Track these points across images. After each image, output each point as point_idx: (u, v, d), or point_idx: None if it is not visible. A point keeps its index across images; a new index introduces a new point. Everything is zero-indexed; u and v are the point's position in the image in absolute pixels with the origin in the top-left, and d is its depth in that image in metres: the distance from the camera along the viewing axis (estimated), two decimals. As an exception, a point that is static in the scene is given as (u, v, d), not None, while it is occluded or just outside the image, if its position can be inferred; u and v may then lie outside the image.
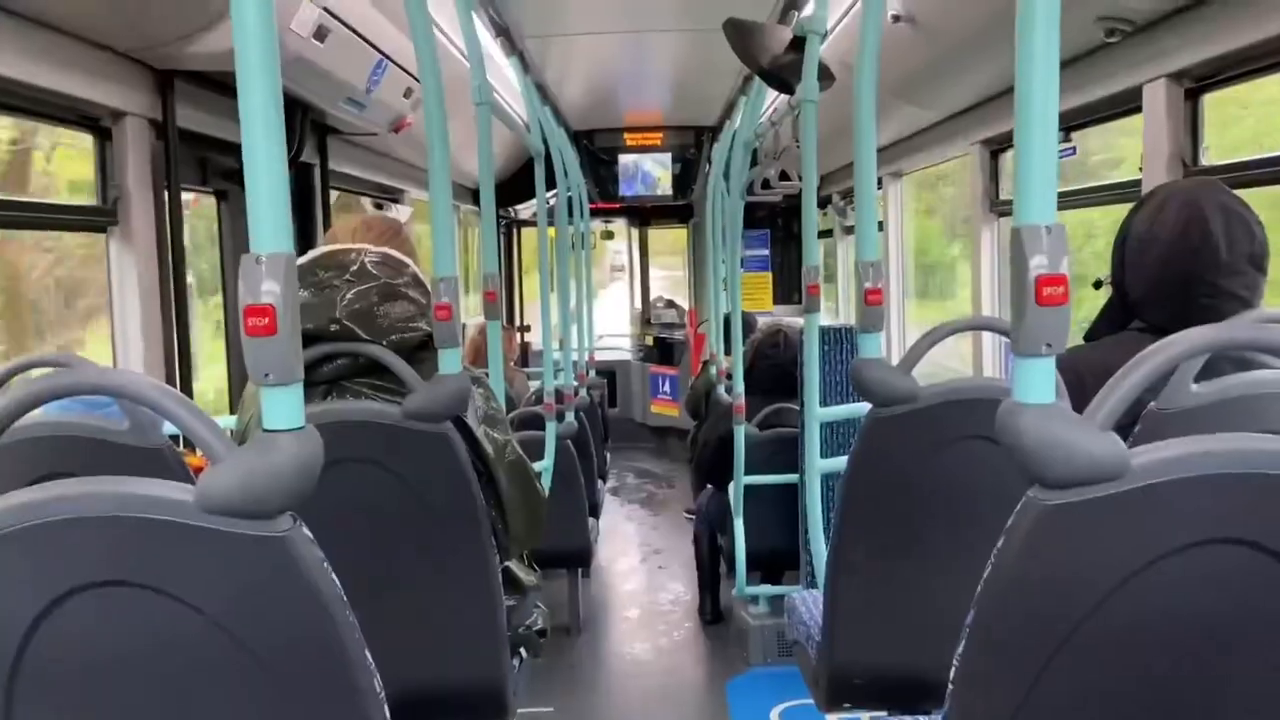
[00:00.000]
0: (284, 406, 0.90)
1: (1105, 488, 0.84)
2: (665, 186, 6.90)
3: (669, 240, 9.23)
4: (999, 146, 3.51)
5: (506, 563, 1.80)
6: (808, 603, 2.12)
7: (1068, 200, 3.10)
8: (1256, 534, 0.85)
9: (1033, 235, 0.85)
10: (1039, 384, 0.86)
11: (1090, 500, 0.84)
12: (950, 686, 0.97)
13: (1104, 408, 0.85)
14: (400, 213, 4.84)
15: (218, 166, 3.02)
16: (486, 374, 2.47)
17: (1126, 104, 2.57)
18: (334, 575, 0.93)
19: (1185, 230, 1.53)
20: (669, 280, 9.39)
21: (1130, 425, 1.42)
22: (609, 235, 8.65)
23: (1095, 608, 0.87)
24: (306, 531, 0.91)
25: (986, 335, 3.67)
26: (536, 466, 3.33)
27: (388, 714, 1.00)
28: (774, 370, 3.99)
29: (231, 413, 2.98)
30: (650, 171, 6.90)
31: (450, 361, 1.63)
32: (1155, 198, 1.61)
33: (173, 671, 0.91)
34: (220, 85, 2.77)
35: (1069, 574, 0.87)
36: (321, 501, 0.93)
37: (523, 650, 1.91)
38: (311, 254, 1.66)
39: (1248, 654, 0.88)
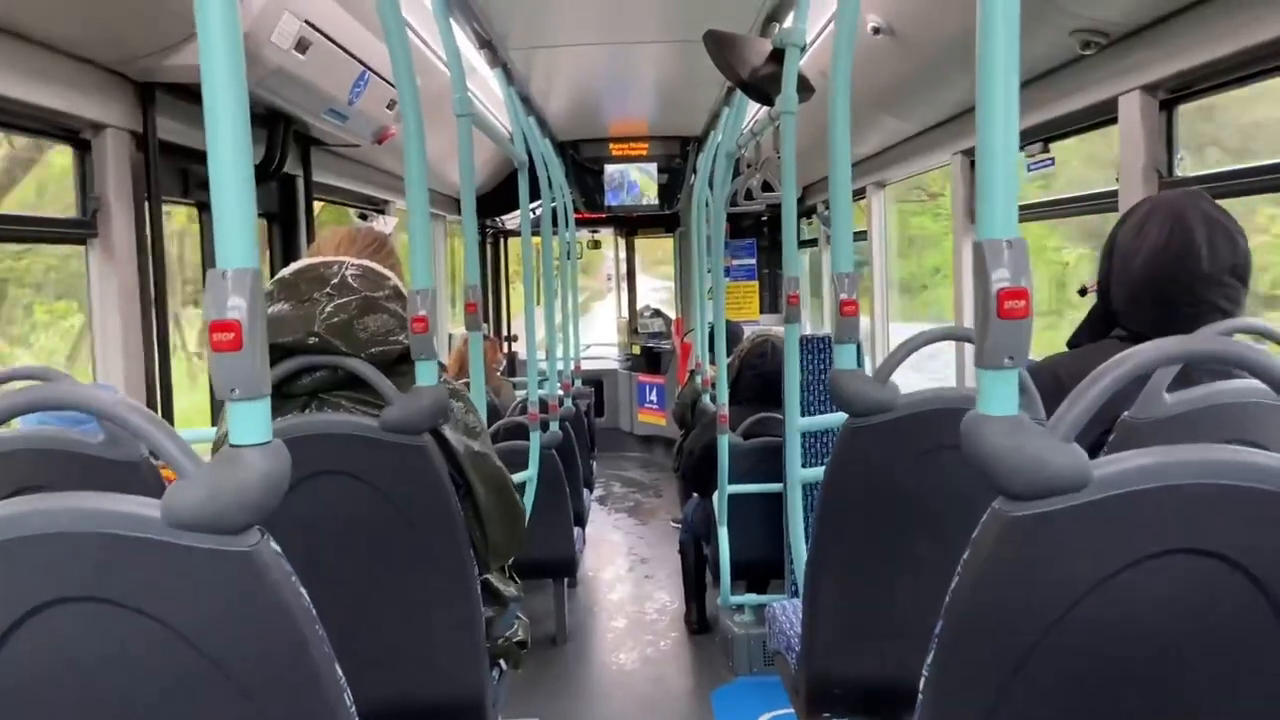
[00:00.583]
0: (250, 421, 0.90)
1: (1068, 499, 0.85)
2: (651, 196, 6.92)
3: (667, 248, 9.22)
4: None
5: (486, 575, 1.79)
6: (788, 612, 2.13)
7: (1045, 211, 3.12)
8: (1217, 544, 0.86)
9: (994, 249, 0.86)
10: (1002, 396, 0.87)
11: (1053, 511, 0.85)
12: (920, 696, 0.98)
13: (1066, 419, 0.86)
14: (385, 223, 4.83)
15: (198, 178, 3.01)
16: (467, 384, 2.47)
17: (1102, 115, 2.60)
18: (303, 589, 0.93)
19: (1168, 240, 1.54)
20: (668, 292, 9.35)
21: (1107, 434, 1.43)
22: (596, 245, 8.65)
23: (1059, 618, 0.87)
24: (274, 546, 0.91)
25: (969, 345, 3.69)
26: (521, 476, 3.34)
27: None
28: (759, 380, 4.00)
29: (213, 425, 2.97)
30: (636, 181, 6.92)
31: (427, 374, 1.63)
32: (1141, 208, 1.63)
33: (141, 687, 0.91)
34: (201, 97, 2.77)
35: (1033, 585, 0.88)
36: (300, 514, 0.94)
37: (502, 662, 1.91)
38: (293, 266, 1.66)
39: (1210, 662, 0.89)
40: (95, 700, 0.91)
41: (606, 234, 8.64)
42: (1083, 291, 1.77)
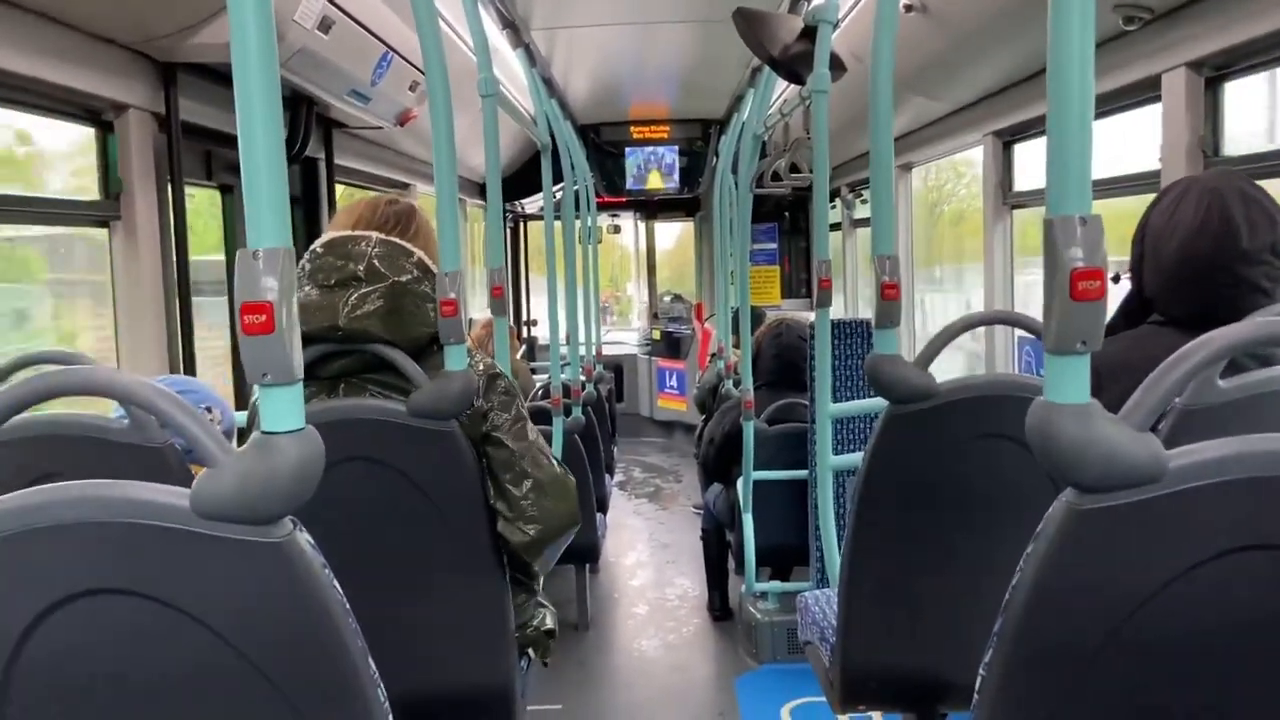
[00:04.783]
0: (282, 407, 0.86)
1: (1142, 491, 0.80)
2: (672, 180, 6.87)
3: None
4: (1011, 138, 3.47)
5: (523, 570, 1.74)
6: (820, 602, 2.09)
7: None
8: None
9: (1067, 227, 0.81)
10: (1073, 383, 0.83)
11: (1127, 504, 0.80)
12: (976, 695, 0.94)
13: (1142, 408, 0.81)
14: (405, 207, 4.80)
15: (222, 160, 2.99)
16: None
17: (1145, 93, 2.53)
18: (335, 581, 0.90)
19: (1206, 218, 1.48)
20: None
21: (1155, 423, 1.38)
22: (616, 230, 8.60)
23: (1130, 615, 0.83)
24: (306, 536, 0.88)
25: (999, 330, 3.63)
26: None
27: None
28: (776, 362, 3.97)
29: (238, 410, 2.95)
30: (657, 164, 6.87)
31: (457, 358, 1.59)
32: (1175, 189, 1.57)
33: (169, 681, 0.88)
34: (224, 78, 2.74)
35: (1104, 580, 0.83)
36: (326, 499, 0.90)
37: (531, 651, 1.88)
38: (320, 241, 1.62)
39: None
40: (122, 695, 0.88)
41: (626, 218, 8.59)
42: (1116, 278, 1.71)
